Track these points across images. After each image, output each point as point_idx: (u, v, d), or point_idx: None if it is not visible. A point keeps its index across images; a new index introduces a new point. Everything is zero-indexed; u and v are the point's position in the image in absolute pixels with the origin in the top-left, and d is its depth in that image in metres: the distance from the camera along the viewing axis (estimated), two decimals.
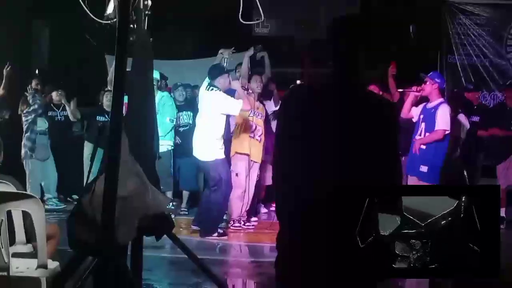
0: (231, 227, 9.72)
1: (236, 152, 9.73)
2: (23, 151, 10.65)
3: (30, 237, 4.94)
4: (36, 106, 10.69)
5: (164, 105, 10.22)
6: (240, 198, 9.67)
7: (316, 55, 13.59)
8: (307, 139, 3.33)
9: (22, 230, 4.91)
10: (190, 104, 11.05)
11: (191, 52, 12.83)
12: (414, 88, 9.19)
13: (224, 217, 9.69)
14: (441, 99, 8.89)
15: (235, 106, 8.81)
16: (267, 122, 10.15)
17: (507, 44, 12.19)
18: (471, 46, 12.26)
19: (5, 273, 4.48)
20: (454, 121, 9.28)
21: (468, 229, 3.03)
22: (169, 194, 10.37)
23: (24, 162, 10.67)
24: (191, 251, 5.36)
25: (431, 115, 8.72)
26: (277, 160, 3.51)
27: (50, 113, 11.36)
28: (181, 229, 9.43)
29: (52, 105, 11.46)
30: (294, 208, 3.34)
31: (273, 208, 10.79)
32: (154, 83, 7.30)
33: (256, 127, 9.69)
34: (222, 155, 9.06)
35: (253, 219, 10.07)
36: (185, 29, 12.83)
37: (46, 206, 9.54)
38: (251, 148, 9.62)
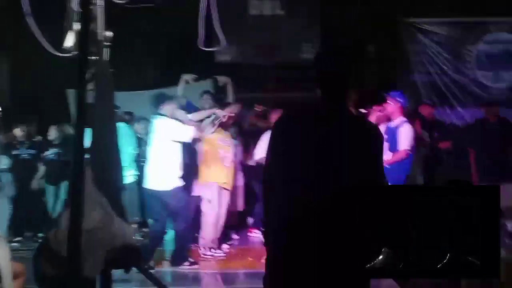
0: (202, 255, 9.55)
1: (206, 180, 9.65)
2: None
3: None
4: None
5: (124, 136, 10.19)
6: (213, 224, 9.54)
7: (278, 79, 13.72)
8: (296, 157, 3.63)
9: None
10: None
11: (152, 83, 12.82)
12: (375, 108, 9.22)
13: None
14: (403, 118, 8.85)
15: (186, 133, 8.73)
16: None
17: (465, 60, 12.36)
18: (430, 64, 12.41)
19: None
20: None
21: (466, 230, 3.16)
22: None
23: None
24: (162, 282, 5.34)
25: (394, 135, 8.73)
26: (266, 179, 3.80)
27: (14, 151, 11.23)
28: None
29: (15, 142, 11.32)
30: (281, 227, 3.56)
31: (246, 233, 11.03)
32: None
33: (224, 154, 9.63)
34: (180, 183, 8.93)
35: (225, 246, 9.99)
36: (145, 59, 12.80)
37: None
38: (221, 175, 9.59)
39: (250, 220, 11.30)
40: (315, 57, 3.96)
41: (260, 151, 9.77)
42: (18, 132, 11.29)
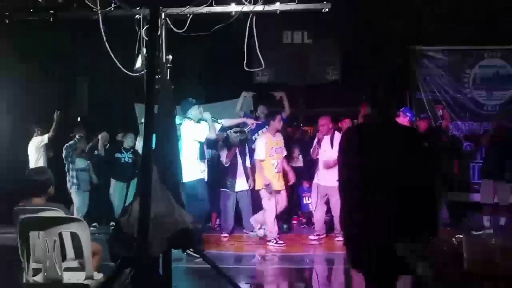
0: (272, 246, 9.35)
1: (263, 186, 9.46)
2: (69, 184, 10.68)
3: (77, 254, 4.93)
4: (77, 149, 10.86)
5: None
6: (274, 220, 9.43)
7: (311, 98, 13.69)
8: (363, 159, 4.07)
9: (71, 248, 4.90)
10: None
11: (205, 97, 12.87)
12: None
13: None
14: None
15: (201, 134, 8.68)
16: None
17: (463, 82, 12.26)
18: (433, 82, 12.34)
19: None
20: None
21: None
22: None
23: (72, 193, 10.65)
24: (213, 261, 5.33)
25: None
26: (343, 178, 4.21)
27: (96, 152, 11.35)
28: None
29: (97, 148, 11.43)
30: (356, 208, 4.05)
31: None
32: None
33: (277, 163, 9.49)
34: (201, 176, 8.82)
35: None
36: (199, 78, 12.82)
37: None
38: (274, 181, 9.39)
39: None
40: (372, 86, 4.92)
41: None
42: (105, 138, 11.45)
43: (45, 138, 10.27)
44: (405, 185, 3.92)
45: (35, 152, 10.27)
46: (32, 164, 10.18)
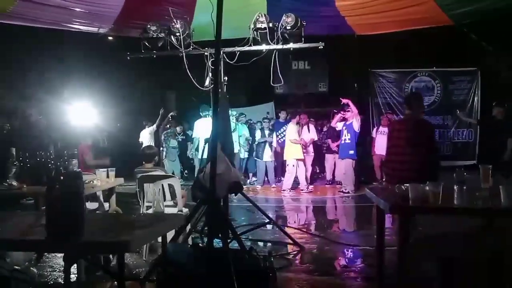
0: (282, 191, 9.38)
1: (288, 156, 9.50)
2: (163, 155, 10.80)
3: (173, 196, 5.00)
4: (170, 133, 10.98)
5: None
6: (290, 180, 9.46)
7: (309, 103, 13.59)
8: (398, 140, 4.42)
9: (169, 193, 4.97)
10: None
11: (244, 104, 12.86)
12: (341, 112, 9.48)
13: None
14: (353, 118, 9.16)
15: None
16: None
17: (404, 91, 12.09)
18: (386, 92, 12.19)
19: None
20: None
21: None
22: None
23: (164, 161, 10.76)
24: (254, 201, 5.38)
25: (350, 126, 9.13)
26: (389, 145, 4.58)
27: (177, 137, 11.44)
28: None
29: (177, 133, 11.55)
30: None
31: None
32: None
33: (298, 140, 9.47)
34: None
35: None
36: (242, 90, 12.78)
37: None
38: (297, 153, 9.40)
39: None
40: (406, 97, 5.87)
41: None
42: (178, 129, 11.55)
43: (154, 127, 10.39)
44: (419, 149, 4.24)
45: (149, 137, 10.40)
46: (146, 144, 10.32)
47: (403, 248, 2.70)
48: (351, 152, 9.16)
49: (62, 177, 2.09)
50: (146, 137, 10.36)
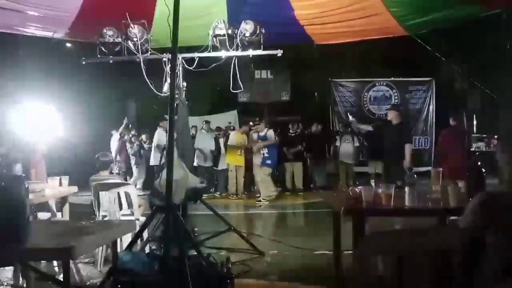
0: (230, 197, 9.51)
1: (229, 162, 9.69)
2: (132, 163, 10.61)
3: (129, 205, 4.86)
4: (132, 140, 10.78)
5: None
6: (234, 184, 9.58)
7: (272, 111, 13.67)
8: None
9: (125, 202, 4.84)
10: None
11: (205, 112, 12.77)
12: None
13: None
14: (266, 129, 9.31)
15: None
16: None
17: (363, 100, 12.37)
18: (346, 101, 12.45)
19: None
20: None
21: None
22: None
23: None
24: (213, 208, 5.32)
25: (263, 137, 9.18)
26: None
27: (145, 146, 11.21)
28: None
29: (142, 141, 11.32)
30: None
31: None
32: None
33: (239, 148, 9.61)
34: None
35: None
36: (202, 97, 12.67)
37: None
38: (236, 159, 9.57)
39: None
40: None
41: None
42: (144, 137, 11.32)
43: (117, 135, 10.17)
44: None
45: (117, 144, 10.17)
46: (113, 151, 10.09)
47: (357, 248, 2.72)
48: (268, 161, 9.21)
49: (2, 182, 1.99)
50: (113, 145, 10.12)
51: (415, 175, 3.21)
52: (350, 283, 3.23)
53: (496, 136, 10.14)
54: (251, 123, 9.86)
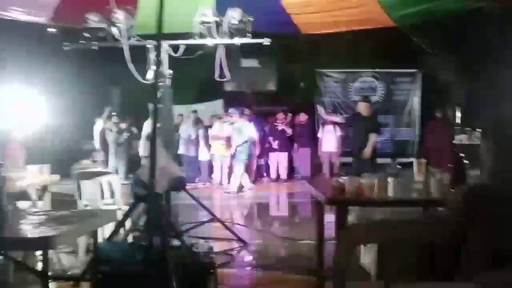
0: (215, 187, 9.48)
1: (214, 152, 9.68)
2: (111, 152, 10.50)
3: (111, 194, 4.81)
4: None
5: None
6: (218, 173, 9.57)
7: (257, 101, 13.61)
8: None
9: (108, 191, 4.78)
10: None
11: (190, 100, 12.62)
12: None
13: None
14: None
15: None
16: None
17: (348, 91, 12.42)
18: (331, 92, 12.48)
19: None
20: None
21: None
22: None
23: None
24: (197, 198, 5.29)
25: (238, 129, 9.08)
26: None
27: (123, 134, 11.07)
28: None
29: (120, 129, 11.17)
30: None
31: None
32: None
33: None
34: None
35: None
36: (188, 85, 12.52)
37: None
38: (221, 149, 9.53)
39: None
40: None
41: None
42: (122, 125, 11.15)
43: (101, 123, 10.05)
44: None
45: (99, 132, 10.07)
46: (96, 139, 9.96)
47: (339, 238, 2.73)
48: (242, 156, 9.04)
49: None
50: (96, 133, 10.00)
51: (399, 166, 3.23)
52: (332, 273, 3.25)
53: (478, 129, 10.30)
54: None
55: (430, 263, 2.11)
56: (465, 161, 2.72)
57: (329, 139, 10.16)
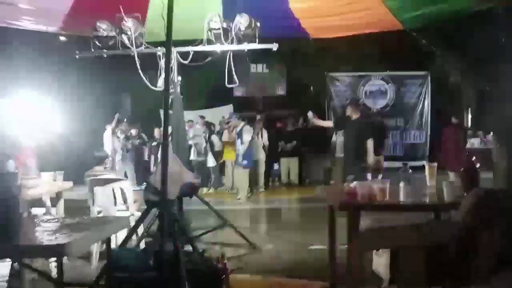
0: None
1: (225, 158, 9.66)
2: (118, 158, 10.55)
3: (124, 200, 4.84)
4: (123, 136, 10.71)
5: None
6: (230, 177, 9.66)
7: (267, 106, 13.63)
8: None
9: (120, 197, 4.81)
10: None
11: (201, 106, 12.69)
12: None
13: None
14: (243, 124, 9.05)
15: None
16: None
17: (359, 94, 12.39)
18: (341, 95, 12.45)
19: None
20: None
21: None
22: None
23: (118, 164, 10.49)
24: (209, 203, 5.31)
25: (239, 134, 8.92)
26: None
27: (130, 140, 11.14)
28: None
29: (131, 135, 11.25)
30: None
31: None
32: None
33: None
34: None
35: None
36: (198, 91, 12.58)
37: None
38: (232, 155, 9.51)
39: None
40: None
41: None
42: (134, 131, 11.24)
43: (110, 130, 10.13)
44: None
45: (108, 139, 10.14)
46: (106, 146, 10.04)
47: (352, 243, 2.73)
48: (245, 162, 8.91)
49: None
50: (107, 139, 10.08)
51: (410, 170, 3.21)
52: (345, 278, 3.23)
53: (491, 133, 10.19)
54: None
55: (442, 268, 2.10)
56: (476, 165, 2.70)
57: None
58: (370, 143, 6.31)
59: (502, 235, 1.66)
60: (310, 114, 7.34)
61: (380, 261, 2.96)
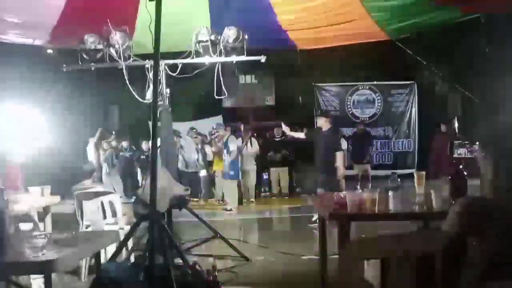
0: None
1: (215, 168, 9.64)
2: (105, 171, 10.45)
3: (113, 214, 4.79)
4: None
5: None
6: (220, 187, 9.60)
7: (256, 116, 13.63)
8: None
9: (109, 211, 4.76)
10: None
11: (188, 117, 12.67)
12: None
13: None
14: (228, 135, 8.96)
15: None
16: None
17: (347, 104, 12.51)
18: (329, 105, 12.54)
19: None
20: None
21: None
22: None
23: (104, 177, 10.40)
24: (198, 215, 5.27)
25: (225, 144, 8.81)
26: None
27: (121, 153, 11.07)
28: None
29: (122, 147, 11.17)
30: None
31: None
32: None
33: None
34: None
35: None
36: (186, 103, 12.57)
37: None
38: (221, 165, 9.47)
39: None
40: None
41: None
42: (124, 144, 11.15)
43: (92, 143, 10.03)
44: None
45: (92, 152, 10.06)
46: (90, 158, 9.94)
47: (342, 253, 2.73)
48: (231, 173, 8.83)
49: None
50: (90, 152, 9.99)
51: (399, 178, 3.24)
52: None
53: (477, 143, 10.31)
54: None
55: (431, 277, 2.11)
56: (464, 173, 2.74)
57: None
58: (339, 156, 6.30)
59: (491, 242, 1.68)
60: (282, 125, 7.44)
61: (371, 270, 2.97)
